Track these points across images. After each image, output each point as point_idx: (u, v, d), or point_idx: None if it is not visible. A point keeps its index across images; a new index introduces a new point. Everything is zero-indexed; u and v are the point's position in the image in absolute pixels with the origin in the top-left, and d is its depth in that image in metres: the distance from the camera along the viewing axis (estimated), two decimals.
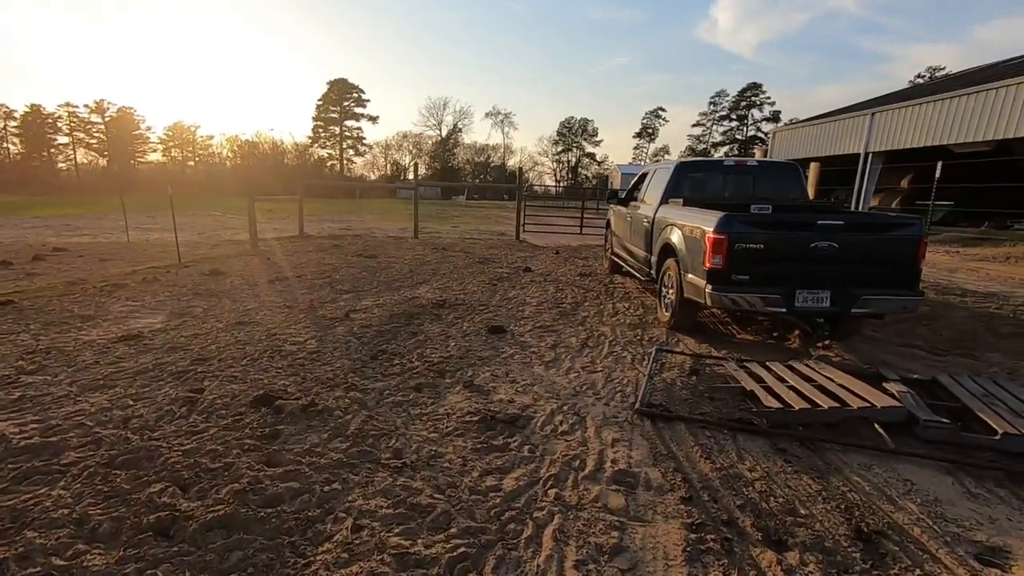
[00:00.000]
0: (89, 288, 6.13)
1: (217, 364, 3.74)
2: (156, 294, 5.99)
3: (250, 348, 4.14)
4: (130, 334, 4.32)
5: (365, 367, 3.85)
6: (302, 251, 10.20)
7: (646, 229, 6.20)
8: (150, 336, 4.35)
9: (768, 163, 5.96)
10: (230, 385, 3.35)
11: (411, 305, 5.87)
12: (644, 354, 4.41)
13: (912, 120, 16.12)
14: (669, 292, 5.31)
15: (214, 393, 3.20)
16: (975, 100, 14.34)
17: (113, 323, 4.77)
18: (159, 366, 3.63)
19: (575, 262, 9.83)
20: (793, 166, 5.91)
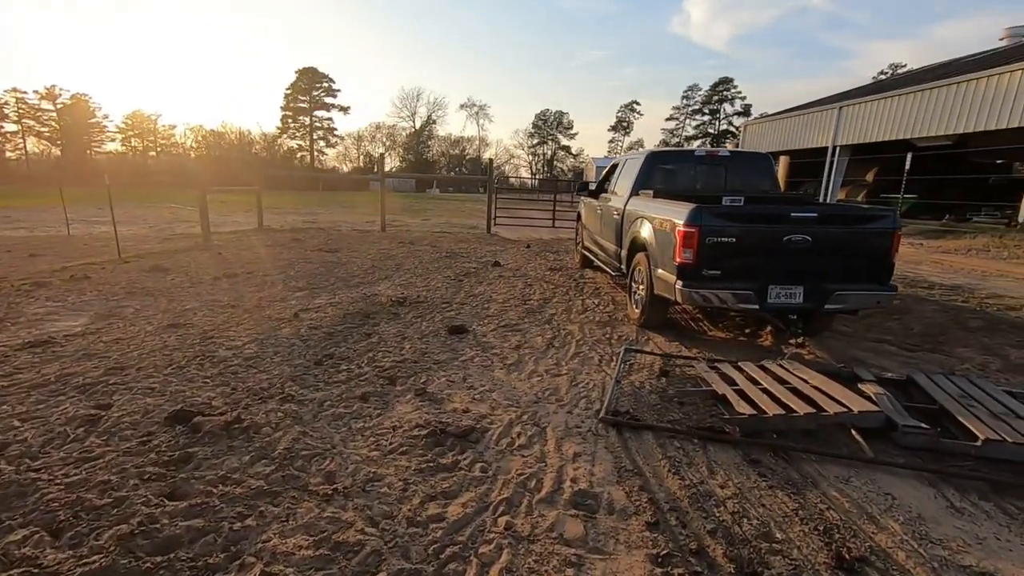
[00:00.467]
0: (5, 287, 5.56)
1: (134, 374, 3.32)
2: (83, 293, 5.46)
3: (178, 355, 3.72)
4: (38, 340, 3.84)
5: (307, 374, 3.49)
6: (259, 245, 9.66)
7: (616, 222, 5.96)
8: (62, 342, 3.88)
9: (740, 154, 5.80)
10: (144, 399, 2.95)
11: (368, 303, 5.50)
12: (612, 354, 4.16)
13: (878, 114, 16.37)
14: (639, 288, 5.09)
15: (122, 410, 2.80)
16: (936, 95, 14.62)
17: (24, 327, 4.27)
18: (63, 378, 3.20)
19: (546, 256, 9.57)
20: (765, 157, 5.75)
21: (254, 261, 7.88)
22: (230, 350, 3.88)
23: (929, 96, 14.82)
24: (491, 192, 13.40)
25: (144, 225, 13.62)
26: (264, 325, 4.60)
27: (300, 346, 4.05)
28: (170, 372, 3.39)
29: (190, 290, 5.84)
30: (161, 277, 6.44)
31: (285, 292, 5.93)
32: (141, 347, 3.86)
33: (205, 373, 3.40)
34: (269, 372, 3.49)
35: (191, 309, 5.05)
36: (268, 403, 3.00)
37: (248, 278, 6.61)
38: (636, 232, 5.20)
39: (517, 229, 14.48)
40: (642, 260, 4.98)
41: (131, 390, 3.07)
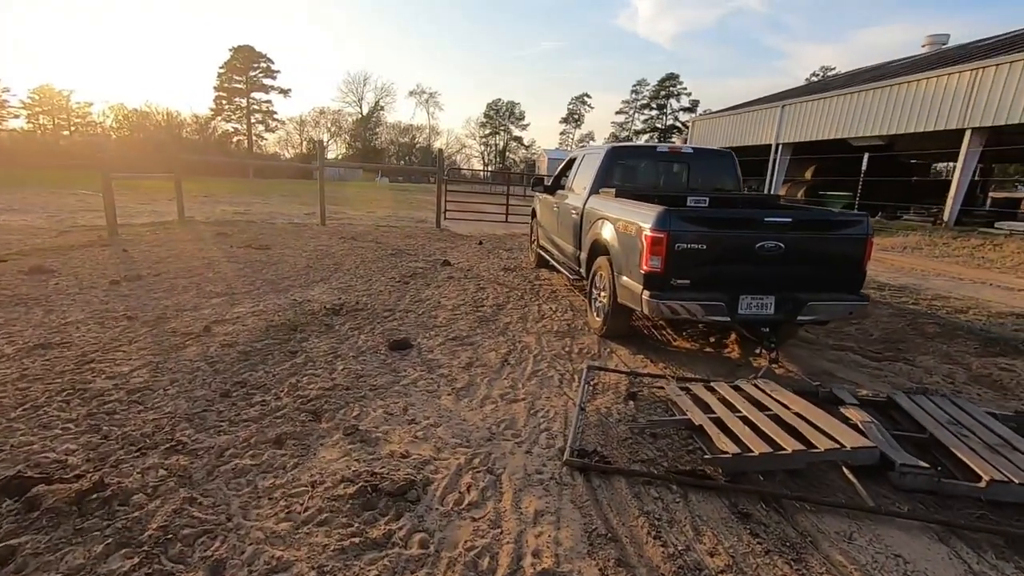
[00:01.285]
0: None
1: None
2: None
3: (38, 387, 2.96)
4: None
5: (209, 410, 2.84)
6: (176, 240, 8.59)
7: (574, 222, 5.56)
8: None
9: (704, 151, 5.52)
10: None
11: (298, 312, 4.82)
12: (574, 372, 3.75)
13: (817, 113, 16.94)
14: (601, 295, 4.70)
15: None
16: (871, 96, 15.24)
17: None
18: None
19: (499, 254, 9.08)
20: (729, 154, 5.50)
21: (166, 260, 6.91)
22: (112, 379, 3.15)
23: (863, 98, 15.44)
24: (441, 184, 12.73)
25: (42, 214, 11.98)
26: (164, 343, 3.85)
27: (206, 371, 3.37)
28: (19, 416, 2.64)
29: (77, 297, 4.92)
30: (42, 281, 5.44)
31: (199, 299, 5.13)
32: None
33: (69, 415, 2.68)
34: (158, 410, 2.81)
35: (73, 323, 4.19)
36: (148, 456, 2.35)
37: (155, 282, 5.71)
38: (597, 234, 4.81)
39: (469, 224, 13.90)
40: (604, 265, 4.59)
41: None
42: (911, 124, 14.00)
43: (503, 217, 14.65)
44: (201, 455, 2.40)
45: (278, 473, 2.33)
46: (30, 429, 2.51)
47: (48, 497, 1.96)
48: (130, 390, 3.01)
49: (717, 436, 2.61)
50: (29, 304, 4.61)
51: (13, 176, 26.56)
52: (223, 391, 3.06)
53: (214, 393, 3.04)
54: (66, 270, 5.97)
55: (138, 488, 2.11)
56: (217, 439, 2.54)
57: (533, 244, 8.18)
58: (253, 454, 2.45)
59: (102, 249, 7.50)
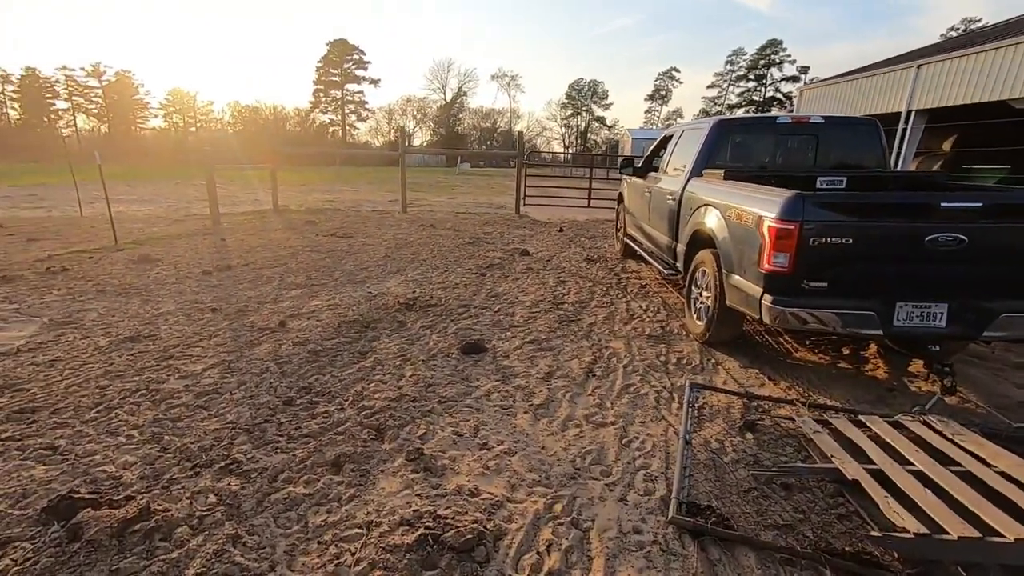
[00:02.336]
0: None
1: (43, 421, 2.54)
2: (49, 291, 4.79)
3: (116, 387, 2.94)
4: None
5: (270, 420, 2.64)
6: (268, 229, 8.94)
7: (670, 209, 4.86)
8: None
9: (837, 120, 4.53)
10: (32, 469, 2.16)
11: (372, 306, 4.64)
12: (673, 389, 3.17)
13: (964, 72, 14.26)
14: (703, 295, 4.03)
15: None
16: None
17: None
18: None
19: (581, 242, 8.50)
20: (872, 124, 4.48)
21: (256, 249, 7.13)
22: (184, 379, 3.08)
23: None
24: (521, 168, 12.29)
25: (163, 204, 13.19)
26: (241, 338, 3.79)
27: (274, 372, 3.22)
28: (92, 418, 2.59)
29: (173, 287, 5.11)
30: (146, 270, 5.74)
31: (279, 290, 5.13)
32: (77, 373, 3.09)
33: (137, 420, 2.59)
34: (221, 418, 2.65)
35: (163, 314, 4.29)
36: (201, 477, 2.16)
37: (243, 272, 5.84)
38: (699, 223, 4.12)
39: (548, 209, 13.38)
40: (707, 260, 3.91)
41: (23, 451, 2.28)
42: None
43: (585, 202, 13.94)
44: (254, 478, 2.17)
45: (332, 507, 2.04)
46: (97, 435, 2.44)
47: (91, 526, 1.79)
48: (199, 392, 2.90)
49: (883, 500, 1.95)
50: (130, 294, 4.83)
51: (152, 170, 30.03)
52: (287, 398, 2.87)
53: (278, 400, 2.85)
54: (168, 259, 6.31)
55: (184, 519, 1.90)
56: (273, 458, 2.31)
57: (619, 232, 7.51)
58: (308, 479, 2.18)
59: (204, 238, 7.93)
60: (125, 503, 1.94)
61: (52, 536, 1.78)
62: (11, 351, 3.39)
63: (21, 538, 1.78)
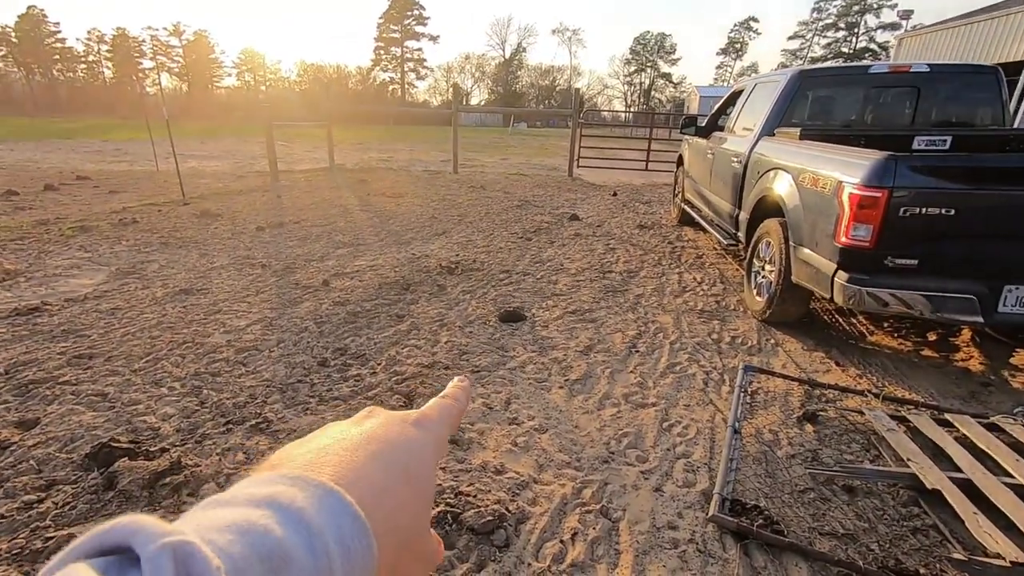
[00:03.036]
0: (52, 231, 5.32)
1: (97, 368, 2.67)
2: (119, 241, 5.07)
3: (165, 337, 3.05)
4: (27, 307, 3.34)
5: (304, 380, 2.65)
6: (323, 187, 9.09)
7: (734, 172, 4.43)
8: (54, 309, 3.37)
9: (946, 68, 3.84)
10: (82, 415, 2.26)
11: (414, 268, 4.59)
12: (723, 370, 2.92)
13: None
14: (765, 269, 3.67)
15: (44, 433, 2.12)
16: None
17: (35, 284, 3.85)
18: (13, 369, 2.60)
19: (635, 208, 8.08)
20: (991, 71, 3.76)
21: (310, 207, 7.26)
22: (228, 334, 3.15)
23: None
24: (576, 128, 11.76)
25: (230, 161, 13.73)
26: (285, 295, 3.85)
27: (312, 332, 3.23)
28: (140, 367, 2.70)
29: (228, 242, 5.28)
30: (206, 224, 5.97)
31: (327, 248, 5.19)
32: (132, 323, 3.24)
33: (180, 372, 2.67)
34: (258, 375, 2.69)
35: (217, 268, 4.43)
36: (232, 434, 2.19)
37: (295, 229, 5.96)
38: (766, 189, 3.71)
39: (604, 172, 12.83)
40: (773, 230, 3.53)
41: (76, 396, 2.40)
42: None
43: (643, 165, 13.25)
44: (282, 439, 2.17)
45: None
46: (143, 385, 2.53)
47: (125, 476, 1.84)
48: (239, 348, 2.96)
49: (971, 517, 1.68)
50: (190, 247, 5.04)
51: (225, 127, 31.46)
52: (322, 359, 2.87)
53: (313, 360, 2.86)
54: (227, 214, 6.53)
55: (212, 475, 1.93)
56: (302, 420, 2.31)
57: (676, 197, 7.04)
58: None
59: (262, 195, 8.17)
60: (159, 455, 1.99)
61: (91, 482, 1.85)
62: (79, 298, 3.60)
63: (65, 481, 1.86)
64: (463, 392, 0.38)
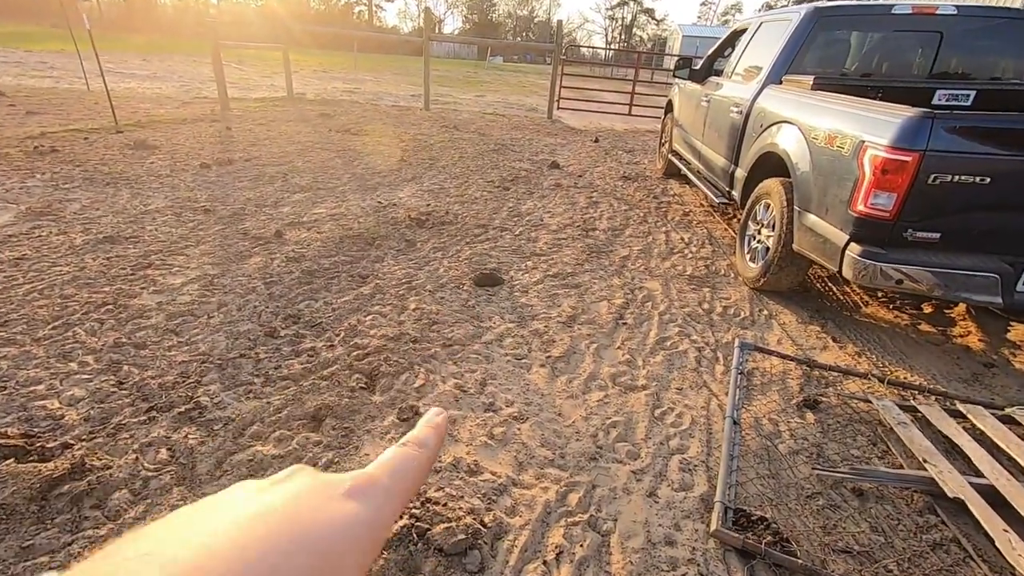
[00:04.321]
0: None
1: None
2: (33, 175, 4.39)
3: (82, 296, 2.59)
4: None
5: (246, 356, 2.28)
6: (280, 120, 8.24)
7: (732, 124, 4.06)
8: None
9: (976, 11, 3.43)
10: None
11: (380, 219, 4.14)
12: (716, 346, 2.69)
13: None
14: (761, 233, 3.41)
15: None
16: None
17: None
18: None
19: (618, 156, 7.64)
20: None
21: (263, 142, 6.53)
22: (159, 294, 2.71)
23: None
24: (557, 65, 10.96)
25: (176, 83, 12.38)
26: (231, 248, 3.38)
27: (261, 294, 2.82)
28: (46, 336, 2.26)
29: (166, 181, 4.65)
30: (142, 158, 5.26)
31: (282, 192, 4.64)
32: (41, 278, 2.75)
33: (96, 342, 2.25)
34: (193, 346, 2.30)
35: (151, 212, 3.88)
36: (156, 424, 1.84)
37: (245, 168, 5.32)
38: (770, 144, 3.38)
39: (585, 115, 12.18)
40: (775, 191, 3.24)
41: None
42: None
43: (626, 108, 12.63)
44: (217, 431, 1.83)
45: None
46: (47, 359, 2.11)
47: (9, 485, 1.49)
48: (172, 313, 2.54)
49: (1001, 536, 1.52)
50: (120, 185, 4.40)
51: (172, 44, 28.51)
52: (270, 328, 2.49)
53: (260, 330, 2.48)
54: (167, 147, 5.79)
55: (125, 480, 1.59)
56: (243, 406, 1.97)
57: (663, 147, 6.64)
58: (280, 436, 1.84)
59: (210, 125, 7.33)
60: (58, 453, 1.63)
61: None
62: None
63: None
64: (435, 434, 0.28)
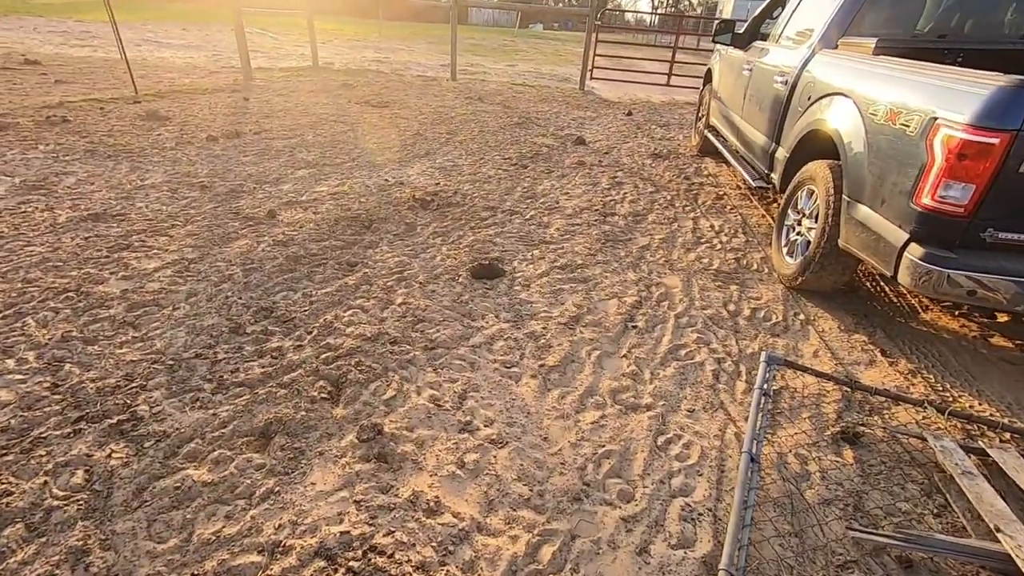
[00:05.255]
0: None
1: None
2: (36, 146, 4.31)
3: (44, 281, 2.44)
4: None
5: (204, 356, 2.07)
6: (300, 90, 8.02)
7: (776, 95, 3.56)
8: None
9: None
10: None
11: (382, 199, 3.87)
12: (739, 358, 2.32)
13: None
14: (803, 225, 2.96)
15: None
16: None
17: None
18: None
19: (650, 131, 7.09)
20: None
21: (277, 114, 6.33)
22: (127, 280, 2.54)
23: None
24: (591, 32, 10.27)
25: (208, 53, 12.33)
26: (218, 229, 3.19)
27: (237, 282, 2.61)
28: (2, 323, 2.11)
29: (169, 154, 4.50)
30: (150, 129, 5.14)
31: (286, 168, 4.42)
32: (8, 259, 2.61)
33: (44, 335, 2.09)
34: (146, 345, 2.11)
35: (146, 187, 3.73)
36: (80, 438, 1.65)
37: (253, 141, 5.13)
38: (818, 120, 2.90)
39: (620, 85, 11.47)
40: (820, 176, 2.78)
41: None
42: None
43: (664, 78, 11.83)
44: (147, 449, 1.63)
45: (235, 509, 1.48)
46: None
47: None
48: (134, 303, 2.35)
49: None
50: (121, 158, 4.28)
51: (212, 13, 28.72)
52: (237, 323, 2.27)
53: (226, 325, 2.26)
54: (179, 118, 5.66)
55: (23, 511, 1.40)
56: (184, 417, 1.76)
57: (699, 122, 6.07)
58: (218, 457, 1.62)
59: (229, 95, 7.17)
60: None
61: None
62: None
63: None
64: None
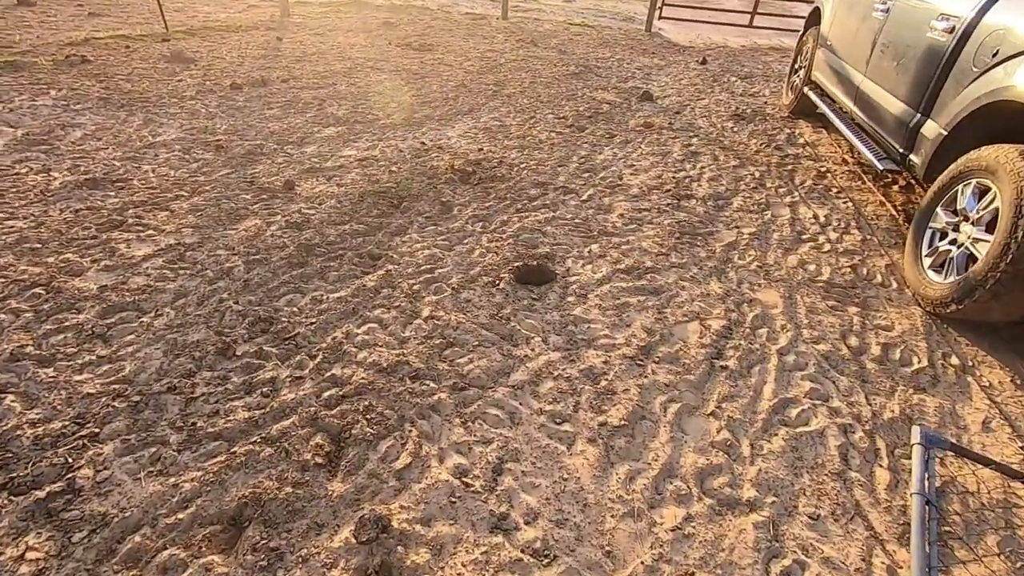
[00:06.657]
0: None
1: None
2: (49, 90, 3.95)
3: (13, 271, 2.06)
4: None
5: (178, 390, 1.65)
6: (338, 28, 7.35)
7: (930, 48, 2.68)
8: None
9: None
10: None
11: (416, 168, 3.31)
12: (874, 428, 1.71)
13: None
14: (962, 232, 2.21)
15: None
16: None
17: None
18: None
19: (730, 84, 6.07)
20: None
21: (311, 57, 5.74)
22: (109, 272, 2.13)
23: None
24: None
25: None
26: (226, 202, 2.74)
27: (236, 279, 2.17)
28: None
29: (187, 104, 4.05)
30: (172, 73, 4.69)
31: (312, 125, 3.90)
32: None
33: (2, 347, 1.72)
34: (116, 364, 1.70)
35: (157, 144, 3.31)
36: None
37: (280, 90, 4.60)
38: (1006, 87, 2.09)
39: (692, 28, 10.10)
40: (1004, 169, 2.02)
41: None
42: None
43: (747, 18, 10.33)
44: (77, 543, 1.23)
45: None
46: None
47: None
48: (111, 306, 1.95)
49: None
50: (136, 108, 3.87)
51: None
52: (227, 341, 1.83)
53: (214, 342, 1.83)
54: (204, 60, 5.18)
55: None
56: (136, 491, 1.35)
57: (796, 75, 5.05)
58: (166, 564, 1.21)
59: (263, 34, 6.61)
60: None
61: None
62: None
63: None
64: None
